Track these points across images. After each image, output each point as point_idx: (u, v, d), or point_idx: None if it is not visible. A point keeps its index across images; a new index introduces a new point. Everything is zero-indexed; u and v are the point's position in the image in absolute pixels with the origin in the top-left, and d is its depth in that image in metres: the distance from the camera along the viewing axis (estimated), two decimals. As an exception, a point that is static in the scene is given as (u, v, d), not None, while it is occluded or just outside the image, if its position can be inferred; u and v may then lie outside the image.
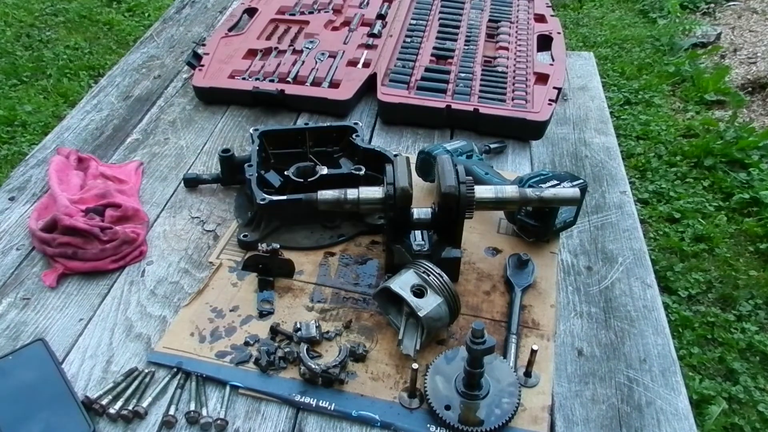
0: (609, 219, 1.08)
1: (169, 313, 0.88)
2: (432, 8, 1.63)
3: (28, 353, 0.80)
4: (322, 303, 0.90)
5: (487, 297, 0.91)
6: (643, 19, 3.63)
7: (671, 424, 0.77)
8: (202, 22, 1.71)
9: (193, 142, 1.24)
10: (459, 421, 0.73)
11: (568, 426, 0.76)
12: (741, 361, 1.70)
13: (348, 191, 0.87)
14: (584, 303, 0.92)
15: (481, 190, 0.87)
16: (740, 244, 2.11)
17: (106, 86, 1.42)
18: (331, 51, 1.43)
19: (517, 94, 1.30)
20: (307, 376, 0.78)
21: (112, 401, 0.75)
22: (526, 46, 1.48)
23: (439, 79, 1.34)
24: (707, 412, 1.56)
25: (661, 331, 0.89)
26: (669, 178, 2.36)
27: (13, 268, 0.95)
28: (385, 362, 0.81)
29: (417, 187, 0.94)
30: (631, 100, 2.82)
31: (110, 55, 3.05)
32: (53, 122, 2.45)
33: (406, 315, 0.82)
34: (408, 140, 1.26)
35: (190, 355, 0.81)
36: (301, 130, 1.12)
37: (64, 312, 0.88)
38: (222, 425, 0.74)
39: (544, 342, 0.85)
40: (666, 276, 1.93)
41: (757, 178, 2.31)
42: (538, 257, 0.96)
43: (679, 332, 1.77)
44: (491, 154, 1.19)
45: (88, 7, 3.42)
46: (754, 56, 3.15)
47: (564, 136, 1.29)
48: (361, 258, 0.97)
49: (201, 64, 1.38)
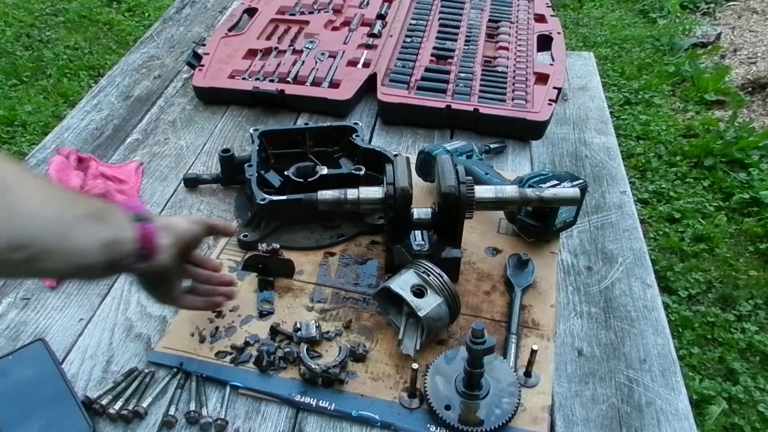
0: (609, 219, 1.08)
1: (169, 313, 0.88)
2: (432, 8, 1.63)
3: (28, 353, 0.80)
4: (322, 303, 0.90)
5: (487, 297, 0.91)
6: (643, 19, 3.64)
7: (671, 424, 0.77)
8: (202, 22, 1.71)
9: (193, 142, 1.24)
10: (459, 421, 0.73)
11: (568, 426, 0.76)
12: (741, 361, 1.70)
13: (348, 191, 0.87)
14: (584, 303, 0.92)
15: (481, 190, 0.87)
16: (740, 244, 2.11)
17: (106, 86, 1.42)
18: (331, 51, 1.43)
19: (517, 94, 1.30)
20: (307, 376, 0.78)
21: (112, 401, 0.75)
22: (526, 46, 1.48)
23: (439, 79, 1.34)
24: (707, 412, 1.56)
25: (661, 331, 0.89)
26: (669, 178, 2.36)
27: (13, 268, 0.95)
28: (385, 362, 0.81)
29: (417, 187, 0.94)
30: (631, 100, 2.82)
31: (110, 55, 3.05)
32: (53, 122, 2.45)
33: (406, 315, 0.82)
34: (408, 140, 1.26)
35: (190, 355, 0.81)
36: (301, 130, 1.12)
37: (64, 312, 0.88)
38: (222, 425, 0.74)
39: (544, 342, 0.85)
40: (666, 276, 1.93)
41: (757, 178, 2.31)
42: (538, 257, 0.96)
43: (679, 332, 1.77)
44: (491, 154, 1.19)
45: (88, 7, 3.42)
46: (754, 56, 3.15)
47: (564, 136, 1.29)
48: (361, 258, 0.97)
49: (201, 64, 1.38)
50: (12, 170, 0.53)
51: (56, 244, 0.54)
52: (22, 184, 0.53)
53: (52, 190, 0.57)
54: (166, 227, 0.68)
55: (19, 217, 0.51)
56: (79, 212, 0.57)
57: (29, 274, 0.57)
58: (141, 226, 0.63)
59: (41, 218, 0.53)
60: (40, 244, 0.52)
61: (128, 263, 0.62)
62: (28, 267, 0.53)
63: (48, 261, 0.54)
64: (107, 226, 0.59)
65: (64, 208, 0.56)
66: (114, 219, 0.61)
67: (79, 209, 0.57)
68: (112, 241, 0.59)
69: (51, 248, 0.54)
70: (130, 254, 0.62)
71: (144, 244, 0.63)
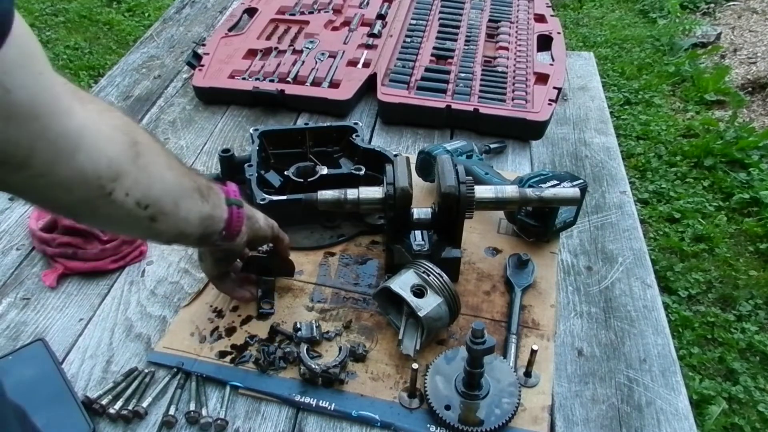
0: (609, 219, 1.08)
1: (169, 313, 0.88)
2: (432, 8, 1.63)
3: (28, 353, 0.80)
4: (322, 303, 0.90)
5: (487, 297, 0.91)
6: (643, 19, 3.64)
7: (671, 424, 0.77)
8: (202, 22, 1.71)
9: (193, 142, 1.24)
10: (459, 421, 0.73)
11: (568, 426, 0.76)
12: (741, 361, 1.70)
13: (348, 191, 0.87)
14: (584, 303, 0.92)
15: (481, 190, 0.87)
16: (740, 244, 2.11)
17: (106, 86, 1.42)
18: (331, 51, 1.43)
19: (517, 94, 1.30)
20: (307, 376, 0.78)
21: (112, 401, 0.75)
22: (526, 46, 1.48)
23: (439, 79, 1.34)
24: (707, 412, 1.56)
25: (661, 331, 0.89)
26: (669, 178, 2.36)
27: (13, 268, 0.95)
28: (385, 362, 0.81)
29: (417, 187, 0.94)
30: (631, 100, 2.82)
31: (110, 55, 3.05)
32: (53, 122, 2.44)
33: (406, 315, 0.82)
34: (408, 140, 1.26)
35: (190, 355, 0.81)
36: (301, 130, 1.12)
37: (64, 312, 0.88)
38: (222, 425, 0.74)
39: (544, 342, 0.85)
40: (666, 276, 1.93)
41: (757, 178, 2.31)
42: (538, 257, 0.96)
43: (679, 332, 1.77)
44: (491, 154, 1.19)
45: (88, 7, 3.42)
46: (754, 56, 3.15)
47: (564, 136, 1.29)
48: (361, 258, 0.97)
49: (201, 64, 1.38)
50: (146, 137, 0.56)
51: (172, 209, 0.59)
52: (152, 150, 0.56)
53: (173, 161, 0.61)
54: (250, 216, 0.74)
55: (148, 178, 0.55)
56: (190, 185, 0.62)
57: (147, 234, 0.63)
58: (232, 209, 0.69)
59: (164, 182, 0.58)
60: (160, 205, 0.58)
61: (215, 240, 0.69)
62: (148, 225, 0.58)
63: (161, 223, 0.59)
64: (207, 203, 0.65)
65: (181, 178, 0.61)
66: (213, 197, 0.67)
67: (190, 182, 0.63)
68: (209, 217, 0.66)
69: (167, 211, 0.59)
70: (219, 232, 0.68)
71: (231, 226, 0.70)
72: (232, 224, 0.69)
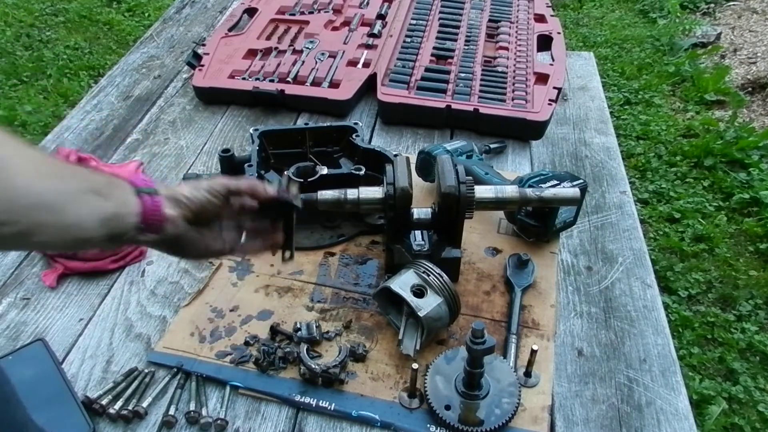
0: (609, 219, 1.08)
1: (169, 313, 0.88)
2: (432, 8, 1.63)
3: (28, 353, 0.80)
4: (322, 303, 0.90)
5: (487, 297, 0.91)
6: (643, 19, 3.64)
7: (671, 424, 0.77)
8: (202, 22, 1.71)
9: (193, 142, 1.24)
10: (459, 421, 0.73)
11: (568, 426, 0.76)
12: (741, 361, 1.70)
13: (348, 191, 0.87)
14: (584, 303, 0.92)
15: (481, 190, 0.87)
16: (740, 244, 2.11)
17: (106, 86, 1.42)
18: (331, 51, 1.43)
19: (517, 94, 1.30)
20: (307, 376, 0.78)
21: (112, 401, 0.75)
22: (526, 46, 1.48)
23: (439, 79, 1.34)
24: (707, 412, 1.56)
25: (661, 331, 0.89)
26: (669, 178, 2.36)
27: (13, 268, 0.95)
28: (385, 362, 0.81)
29: (417, 187, 0.94)
30: (631, 100, 2.82)
31: (110, 55, 3.05)
32: (53, 122, 2.45)
33: (406, 315, 0.82)
34: (408, 140, 1.26)
35: (190, 355, 0.81)
36: (301, 130, 1.12)
37: (64, 312, 0.88)
38: (222, 425, 0.74)
39: (544, 342, 0.85)
40: (666, 276, 1.93)
41: (757, 178, 2.31)
42: (538, 257, 0.96)
43: (679, 332, 1.77)
44: (491, 154, 1.19)
45: (88, 7, 3.42)
46: (754, 56, 3.15)
47: (564, 136, 1.29)
48: (361, 258, 0.97)
49: (201, 64, 1.38)
50: (11, 147, 0.53)
51: (49, 219, 0.55)
52: (18, 160, 0.53)
53: (50, 167, 0.57)
54: (171, 197, 0.67)
55: (8, 193, 0.52)
56: (77, 187, 0.58)
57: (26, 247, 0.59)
58: (144, 199, 0.63)
59: (34, 194, 0.54)
60: (30, 219, 0.53)
61: (132, 236, 0.63)
62: (20, 240, 0.55)
63: (41, 235, 0.55)
64: (108, 201, 0.60)
65: (60, 184, 0.56)
66: (116, 194, 0.61)
67: (78, 184, 0.58)
68: (112, 215, 0.60)
69: (44, 223, 0.54)
70: (133, 228, 0.62)
71: (148, 218, 0.63)
72: (147, 215, 0.63)
